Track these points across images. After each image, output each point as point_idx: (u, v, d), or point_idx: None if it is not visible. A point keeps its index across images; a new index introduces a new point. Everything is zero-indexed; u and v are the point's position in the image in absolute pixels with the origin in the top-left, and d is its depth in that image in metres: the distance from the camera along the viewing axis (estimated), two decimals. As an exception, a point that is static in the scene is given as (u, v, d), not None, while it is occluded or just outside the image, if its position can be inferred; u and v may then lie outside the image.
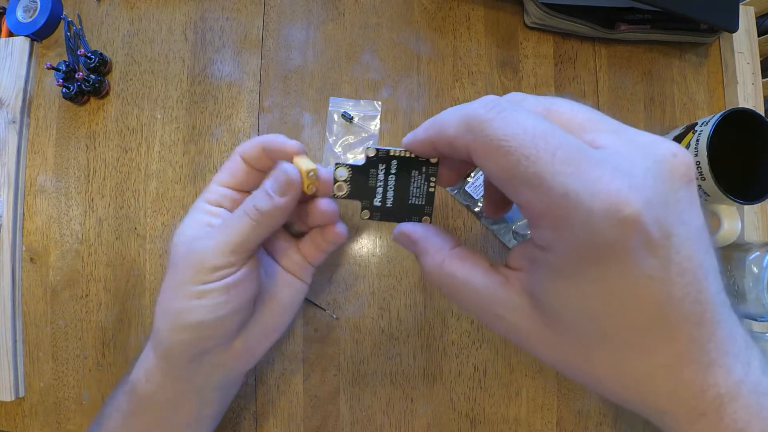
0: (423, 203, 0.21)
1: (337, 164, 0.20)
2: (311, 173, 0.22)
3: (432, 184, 0.20)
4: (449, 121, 0.15)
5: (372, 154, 0.20)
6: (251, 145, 0.26)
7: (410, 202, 0.20)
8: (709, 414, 0.15)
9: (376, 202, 0.20)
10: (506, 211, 0.21)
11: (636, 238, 0.12)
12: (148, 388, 0.26)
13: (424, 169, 0.20)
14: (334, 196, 0.21)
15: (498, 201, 0.21)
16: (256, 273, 0.25)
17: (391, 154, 0.20)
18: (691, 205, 0.14)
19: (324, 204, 0.24)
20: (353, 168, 0.20)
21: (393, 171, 0.20)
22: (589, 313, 0.14)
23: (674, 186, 0.13)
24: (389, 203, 0.20)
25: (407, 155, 0.20)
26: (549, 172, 0.12)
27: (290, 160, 0.24)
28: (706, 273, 0.14)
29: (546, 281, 0.15)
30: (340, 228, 0.27)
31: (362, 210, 0.21)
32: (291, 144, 0.25)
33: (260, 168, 0.26)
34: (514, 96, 0.16)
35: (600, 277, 0.13)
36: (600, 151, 0.13)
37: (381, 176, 0.20)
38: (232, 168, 0.27)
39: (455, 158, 0.17)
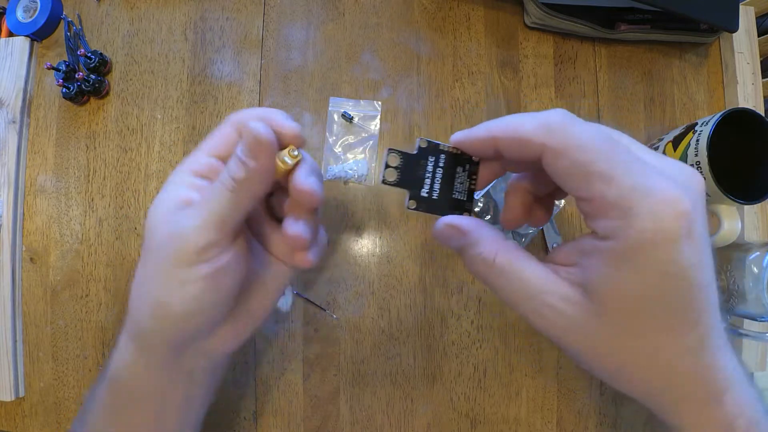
0: (465, 199, 0.21)
1: (389, 150, 0.20)
2: (293, 150, 0.21)
3: (474, 181, 0.21)
4: (526, 123, 0.17)
5: (425, 144, 0.20)
6: (248, 116, 0.23)
7: (454, 196, 0.21)
8: (716, 398, 0.17)
9: (423, 193, 0.20)
10: (524, 223, 0.22)
11: (685, 228, 0.15)
12: (130, 381, 0.24)
13: (467, 167, 0.21)
14: (383, 182, 0.20)
15: (522, 209, 0.22)
16: (245, 257, 0.23)
17: (441, 148, 0.20)
18: (705, 214, 0.17)
19: (301, 180, 0.21)
20: (405, 156, 0.20)
21: (441, 164, 0.20)
22: (639, 296, 0.16)
23: (700, 196, 0.17)
24: (435, 195, 0.21)
25: (454, 151, 0.20)
26: (621, 169, 0.15)
27: (284, 145, 0.22)
28: (711, 266, 0.17)
29: (605, 268, 0.16)
30: (309, 255, 0.24)
31: (409, 199, 0.21)
32: (289, 126, 0.22)
33: None
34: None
35: (655, 261, 0.15)
36: (642, 159, 0.17)
37: (430, 168, 0.20)
38: (224, 136, 0.23)
39: (507, 159, 0.19)
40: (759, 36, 0.48)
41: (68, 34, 0.43)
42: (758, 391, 0.19)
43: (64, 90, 0.43)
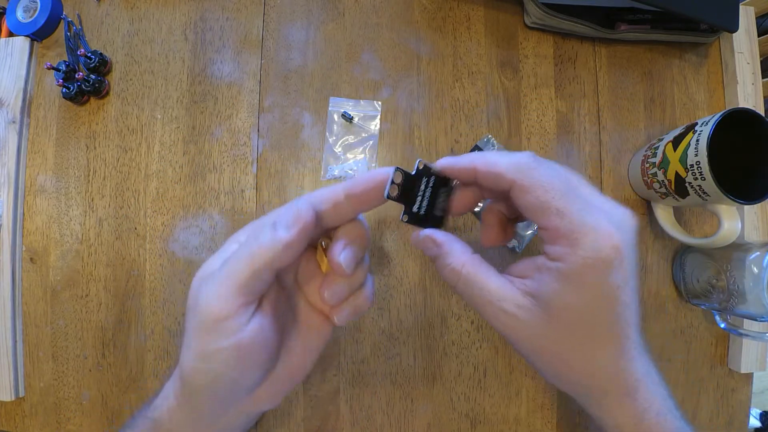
0: (442, 215, 0.24)
1: (397, 168, 0.22)
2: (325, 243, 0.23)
3: (449, 202, 0.24)
4: (501, 162, 0.21)
5: (422, 167, 0.22)
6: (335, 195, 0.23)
7: (435, 213, 0.24)
8: (630, 395, 0.22)
9: (414, 209, 0.23)
10: (502, 243, 0.25)
11: (617, 258, 0.19)
12: (172, 427, 0.25)
13: (447, 189, 0.24)
14: (388, 197, 0.22)
15: (499, 229, 0.25)
16: (272, 325, 0.22)
17: (432, 171, 0.23)
18: (635, 247, 0.20)
19: (335, 254, 0.22)
20: (407, 175, 0.22)
21: (430, 185, 0.23)
22: (578, 309, 0.20)
23: (633, 233, 0.20)
24: (423, 211, 0.23)
25: (440, 174, 0.23)
26: (572, 207, 0.19)
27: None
28: (637, 292, 0.21)
29: (553, 284, 0.20)
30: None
31: (404, 214, 0.23)
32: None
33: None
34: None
35: (593, 282, 0.19)
36: (590, 201, 0.20)
37: (422, 187, 0.23)
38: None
39: (482, 187, 0.22)
40: (759, 36, 0.48)
41: (68, 34, 0.43)
42: (668, 391, 0.23)
43: (64, 90, 0.43)
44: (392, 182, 0.22)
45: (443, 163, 0.23)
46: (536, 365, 0.23)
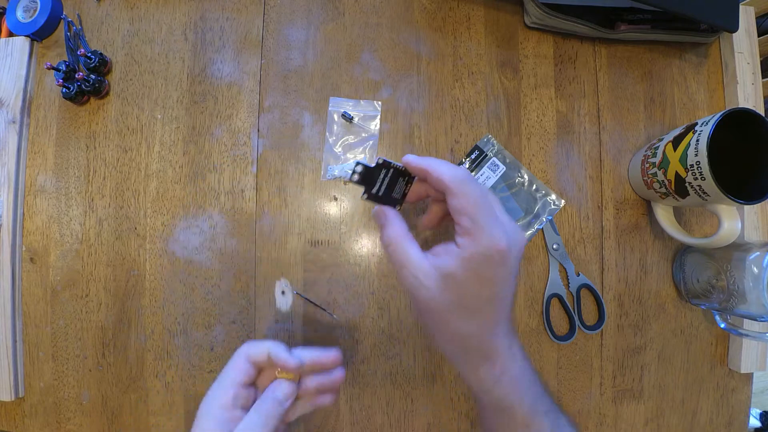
0: (399, 198, 0.31)
1: (357, 162, 0.29)
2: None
3: (407, 188, 0.31)
4: (446, 171, 0.27)
5: (381, 161, 0.29)
6: (260, 352, 0.31)
7: (393, 195, 0.31)
8: (491, 360, 0.28)
9: (373, 191, 0.30)
10: (436, 227, 0.33)
11: (500, 259, 0.26)
12: None
13: (407, 179, 0.31)
14: (350, 180, 0.29)
15: (438, 220, 0.32)
16: None
17: (391, 165, 0.30)
18: (519, 259, 0.28)
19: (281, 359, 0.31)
20: (366, 167, 0.29)
21: (389, 175, 0.30)
22: (465, 288, 0.26)
23: (518, 244, 0.27)
24: (380, 193, 0.30)
25: (401, 168, 0.30)
26: (481, 216, 0.26)
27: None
28: (513, 287, 0.28)
29: (453, 263, 0.26)
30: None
31: (363, 193, 0.30)
32: (291, 363, 0.31)
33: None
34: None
35: (478, 269, 0.26)
36: (496, 216, 0.27)
37: (381, 176, 0.30)
38: (241, 371, 0.31)
39: (430, 185, 0.29)
40: (759, 36, 0.48)
41: (68, 34, 0.43)
42: (529, 366, 0.29)
43: (64, 90, 0.43)
44: (354, 172, 0.29)
45: (405, 159, 0.29)
46: (428, 325, 0.29)
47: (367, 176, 0.29)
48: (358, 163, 0.29)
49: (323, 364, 0.32)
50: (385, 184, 0.30)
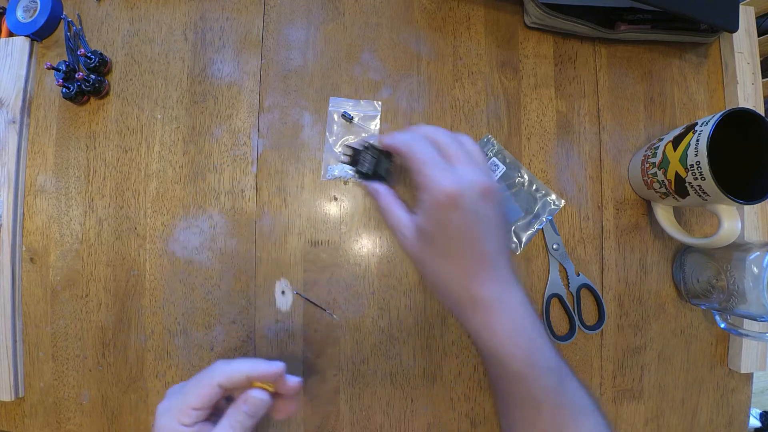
0: (385, 176, 0.34)
1: (346, 145, 0.34)
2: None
3: (390, 166, 0.34)
4: (398, 137, 0.30)
5: (367, 145, 0.33)
6: (236, 377, 0.30)
7: (378, 172, 0.33)
8: (480, 311, 0.28)
9: (361, 169, 0.33)
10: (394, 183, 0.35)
11: (450, 204, 0.27)
12: None
13: (389, 158, 0.33)
14: (341, 161, 0.34)
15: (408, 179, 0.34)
16: None
17: (375, 147, 0.33)
18: (487, 204, 0.28)
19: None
20: (355, 150, 0.33)
21: (375, 155, 0.33)
22: (433, 235, 0.28)
23: (478, 187, 0.28)
24: (369, 171, 0.33)
25: (383, 149, 0.33)
26: (430, 170, 0.28)
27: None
28: (489, 233, 0.28)
29: (419, 217, 0.29)
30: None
31: (355, 172, 0.34)
32: (271, 373, 0.31)
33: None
34: (435, 130, 0.31)
35: (435, 216, 0.28)
36: (453, 167, 0.29)
37: (368, 157, 0.33)
38: (205, 395, 0.30)
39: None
40: (759, 36, 0.48)
41: (68, 34, 0.43)
42: (529, 316, 0.29)
43: (64, 90, 0.43)
44: (344, 155, 0.34)
45: (378, 138, 0.33)
46: (425, 278, 0.31)
47: (356, 157, 0.33)
48: (347, 146, 0.33)
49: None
50: (371, 163, 0.33)
